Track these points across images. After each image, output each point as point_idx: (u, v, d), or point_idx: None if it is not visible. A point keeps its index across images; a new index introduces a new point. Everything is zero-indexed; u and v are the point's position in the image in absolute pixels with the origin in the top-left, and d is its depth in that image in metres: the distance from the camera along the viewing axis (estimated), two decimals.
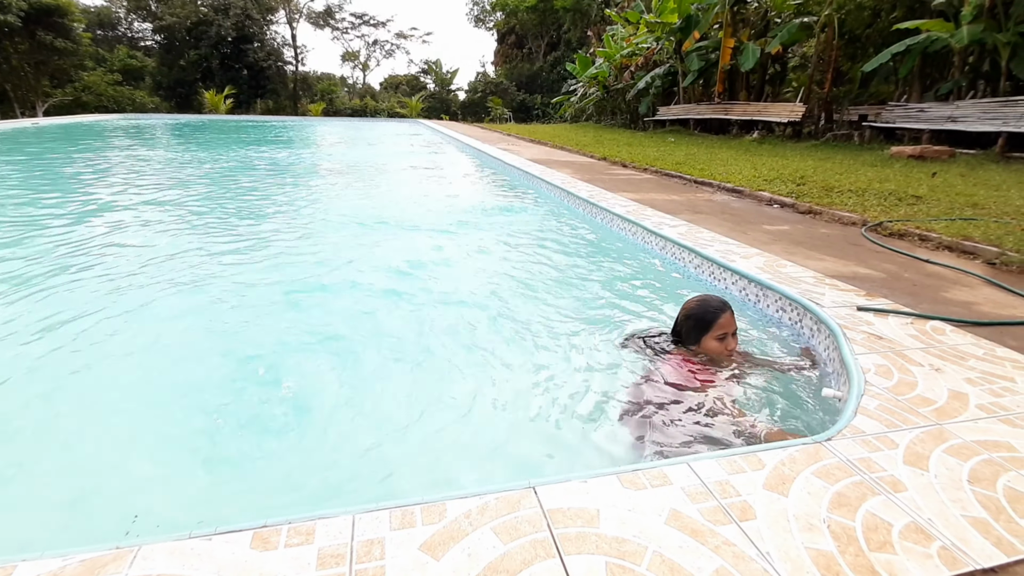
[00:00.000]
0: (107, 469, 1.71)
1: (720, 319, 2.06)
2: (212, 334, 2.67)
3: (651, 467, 1.33)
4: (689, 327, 2.12)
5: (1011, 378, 1.86)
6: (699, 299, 2.15)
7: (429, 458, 1.78)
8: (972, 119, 9.00)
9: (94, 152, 10.26)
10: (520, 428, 1.93)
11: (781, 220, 4.65)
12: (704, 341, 2.09)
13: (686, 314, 2.15)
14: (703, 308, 2.10)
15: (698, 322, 2.09)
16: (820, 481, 1.31)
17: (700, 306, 2.12)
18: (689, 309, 2.14)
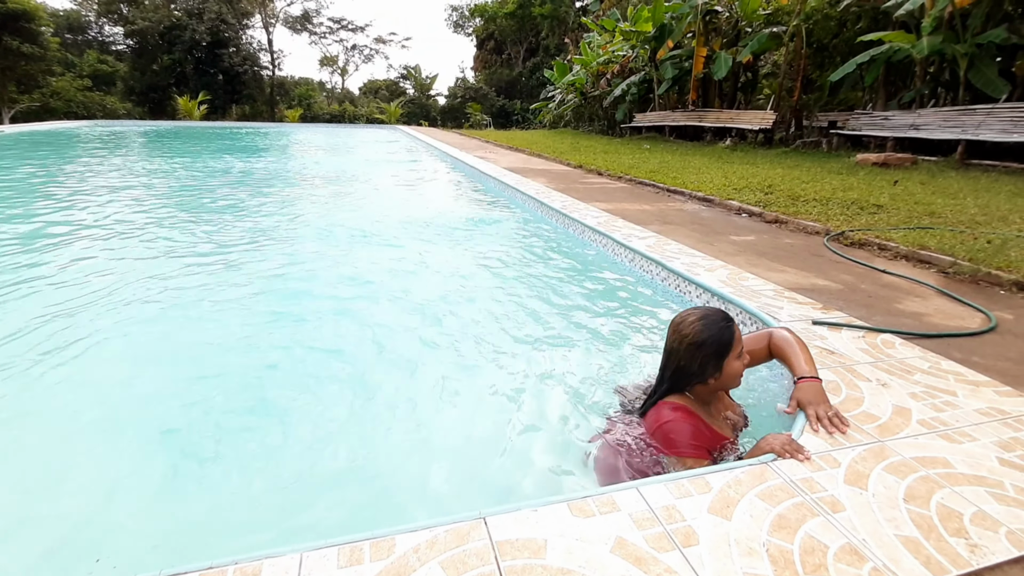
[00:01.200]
0: (66, 507, 1.68)
1: (736, 331, 1.68)
2: (172, 362, 2.63)
3: (600, 493, 1.36)
4: (706, 356, 1.64)
5: (953, 392, 1.94)
6: (701, 320, 1.67)
7: (381, 489, 1.78)
8: (933, 127, 9.31)
9: (55, 162, 9.99)
10: (477, 455, 1.95)
11: (748, 230, 4.75)
12: (727, 365, 1.66)
13: (695, 343, 1.64)
14: (715, 328, 1.65)
15: (718, 347, 1.64)
16: (763, 503, 1.35)
17: (708, 327, 1.65)
18: (696, 336, 1.64)
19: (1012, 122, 8.14)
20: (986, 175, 7.62)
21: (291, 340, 2.85)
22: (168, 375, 2.47)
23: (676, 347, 1.68)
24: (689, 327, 1.67)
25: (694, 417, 1.67)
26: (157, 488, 1.77)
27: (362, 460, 1.93)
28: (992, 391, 1.96)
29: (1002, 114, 8.33)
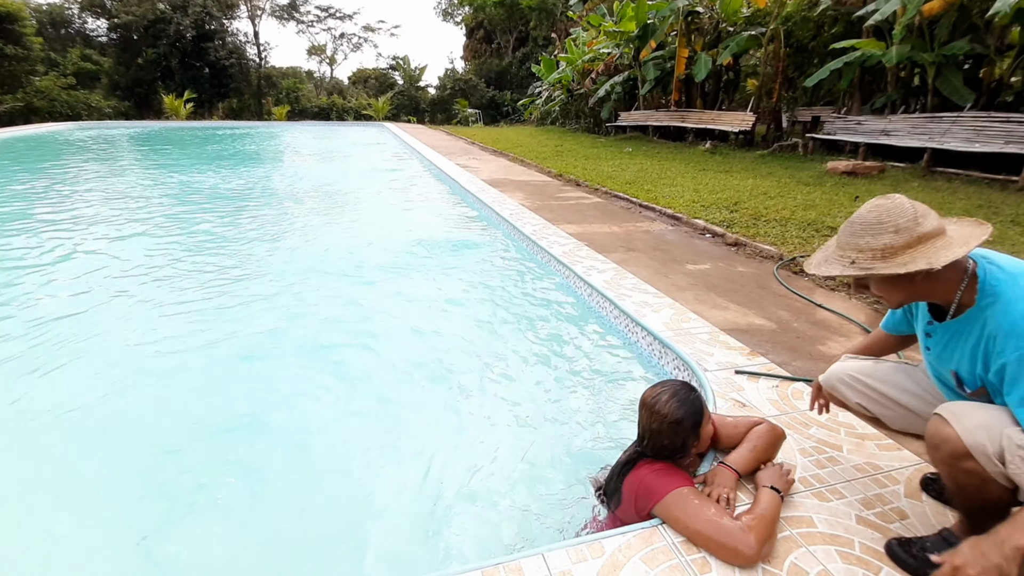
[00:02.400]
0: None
1: (704, 400, 1.86)
2: (132, 404, 2.88)
3: (510, 560, 1.63)
4: (687, 431, 1.77)
5: (839, 447, 2.23)
6: (672, 397, 1.79)
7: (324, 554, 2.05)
8: (902, 134, 9.58)
9: (28, 178, 10.07)
10: (399, 516, 2.14)
11: (706, 256, 5.01)
12: (703, 432, 1.83)
13: (674, 421, 1.75)
14: (686, 403, 1.79)
15: (695, 421, 1.78)
16: (644, 567, 1.63)
17: (681, 404, 1.77)
18: (672, 415, 1.75)
19: (975, 131, 8.42)
20: (948, 184, 7.92)
21: (248, 391, 3.09)
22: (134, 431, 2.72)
23: (657, 427, 1.78)
24: (665, 407, 1.78)
25: (671, 467, 1.83)
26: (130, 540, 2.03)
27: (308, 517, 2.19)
28: (874, 444, 2.24)
29: (966, 123, 8.60)
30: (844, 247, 1.47)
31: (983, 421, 1.36)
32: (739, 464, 1.90)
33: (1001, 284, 1.38)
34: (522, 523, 2.13)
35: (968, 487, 1.43)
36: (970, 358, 1.47)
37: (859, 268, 1.42)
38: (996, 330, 1.36)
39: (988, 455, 1.34)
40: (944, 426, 1.41)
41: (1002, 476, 1.36)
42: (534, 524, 2.12)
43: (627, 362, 3.30)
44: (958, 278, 1.43)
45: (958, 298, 1.45)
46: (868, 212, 1.43)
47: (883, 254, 1.39)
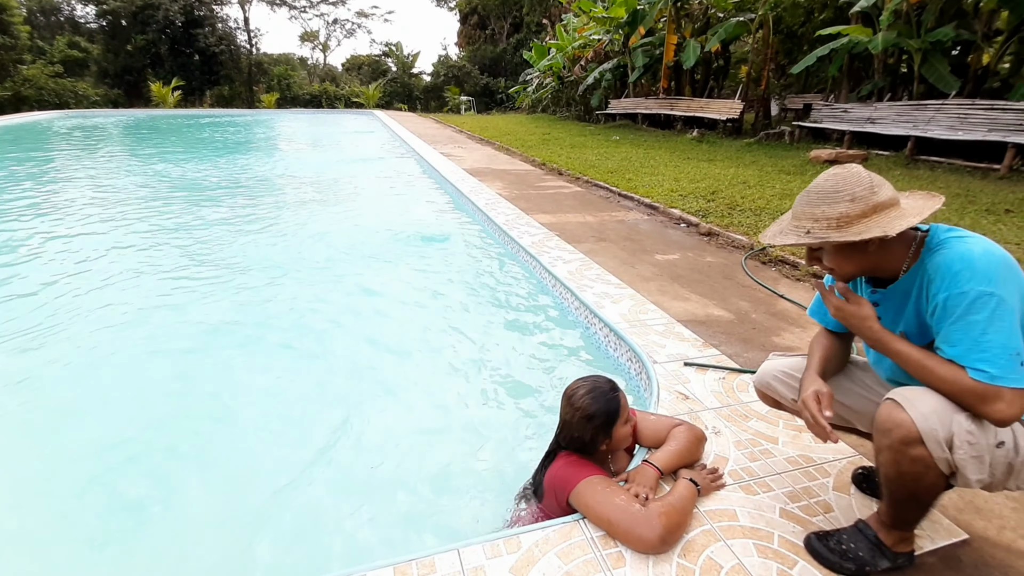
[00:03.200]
0: None
1: (622, 400, 1.82)
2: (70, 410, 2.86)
3: (425, 555, 1.63)
4: (597, 427, 1.78)
5: (775, 439, 2.22)
6: (589, 392, 1.80)
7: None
8: (888, 121, 9.52)
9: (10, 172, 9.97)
10: (328, 508, 2.13)
11: (677, 246, 4.99)
12: (615, 432, 1.81)
13: (587, 415, 1.76)
14: (602, 399, 1.78)
15: (606, 419, 1.77)
16: (558, 561, 1.62)
17: (596, 399, 1.77)
18: (586, 409, 1.76)
19: (959, 119, 8.37)
20: (930, 173, 7.89)
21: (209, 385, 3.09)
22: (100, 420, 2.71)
23: (569, 419, 1.80)
24: (580, 400, 1.79)
25: (585, 459, 1.84)
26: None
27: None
28: (811, 437, 2.24)
29: (950, 110, 8.55)
30: (800, 217, 1.45)
31: (935, 407, 1.34)
32: (662, 462, 1.89)
33: (950, 239, 1.38)
34: (453, 518, 2.12)
35: (909, 474, 1.42)
36: (916, 312, 1.46)
37: (814, 237, 1.40)
38: (933, 273, 1.36)
39: (939, 441, 1.33)
40: (897, 411, 1.38)
41: (945, 463, 1.35)
42: (466, 518, 2.11)
43: (584, 354, 3.29)
44: (907, 247, 1.44)
45: (905, 264, 1.45)
46: (825, 181, 1.41)
47: (839, 223, 1.38)
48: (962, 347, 1.29)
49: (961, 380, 1.29)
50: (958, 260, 1.31)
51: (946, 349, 1.33)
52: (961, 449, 1.33)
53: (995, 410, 1.27)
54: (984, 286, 1.27)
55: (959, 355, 1.30)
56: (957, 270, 1.30)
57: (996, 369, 1.25)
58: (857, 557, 1.61)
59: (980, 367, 1.27)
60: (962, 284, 1.29)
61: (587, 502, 1.72)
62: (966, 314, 1.28)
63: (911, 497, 1.48)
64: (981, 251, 1.31)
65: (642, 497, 1.75)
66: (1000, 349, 1.25)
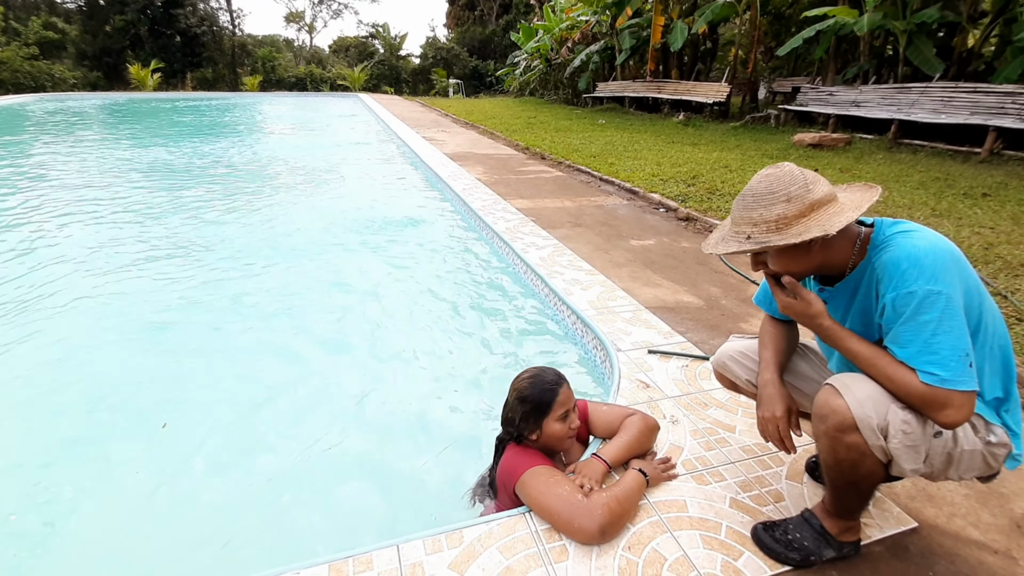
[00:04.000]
0: None
1: (559, 395, 1.78)
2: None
3: (362, 553, 1.59)
4: (527, 412, 1.77)
5: (732, 428, 2.20)
6: (531, 377, 1.81)
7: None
8: (872, 104, 9.47)
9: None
10: (267, 505, 2.07)
11: (654, 231, 4.94)
12: (546, 425, 1.77)
13: (520, 397, 1.78)
14: (539, 387, 1.78)
15: (536, 405, 1.76)
16: (500, 556, 1.59)
17: (534, 385, 1.78)
18: (521, 391, 1.78)
19: (943, 102, 8.34)
20: (912, 157, 7.87)
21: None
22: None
23: (507, 398, 1.83)
24: (520, 382, 1.82)
25: (532, 450, 1.82)
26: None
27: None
28: None
29: (934, 93, 8.52)
30: (738, 222, 1.41)
31: (871, 393, 1.32)
32: (610, 455, 1.85)
33: (896, 236, 1.35)
34: (410, 514, 2.09)
35: (846, 461, 1.40)
36: (863, 310, 1.44)
37: (755, 243, 1.36)
38: (881, 272, 1.33)
39: (873, 428, 1.31)
40: (834, 397, 1.37)
41: (880, 451, 1.34)
42: (422, 514, 2.08)
43: (553, 342, 3.24)
44: (852, 243, 1.41)
45: (852, 261, 1.42)
46: (759, 183, 1.37)
47: (777, 225, 1.34)
48: (912, 349, 1.26)
49: (912, 383, 1.26)
50: (905, 258, 1.28)
51: (896, 350, 1.30)
52: (895, 438, 1.31)
53: (944, 414, 1.25)
54: (932, 284, 1.24)
55: (909, 357, 1.27)
56: (904, 269, 1.27)
57: (946, 372, 1.22)
58: (802, 547, 1.59)
59: (930, 370, 1.24)
60: (909, 283, 1.26)
61: (530, 492, 1.69)
62: (915, 314, 1.25)
63: (850, 484, 1.47)
64: (927, 247, 1.28)
65: (587, 488, 1.72)
66: (950, 351, 1.23)
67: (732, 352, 1.89)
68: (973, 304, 1.29)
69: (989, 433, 1.37)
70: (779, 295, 1.49)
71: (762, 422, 1.61)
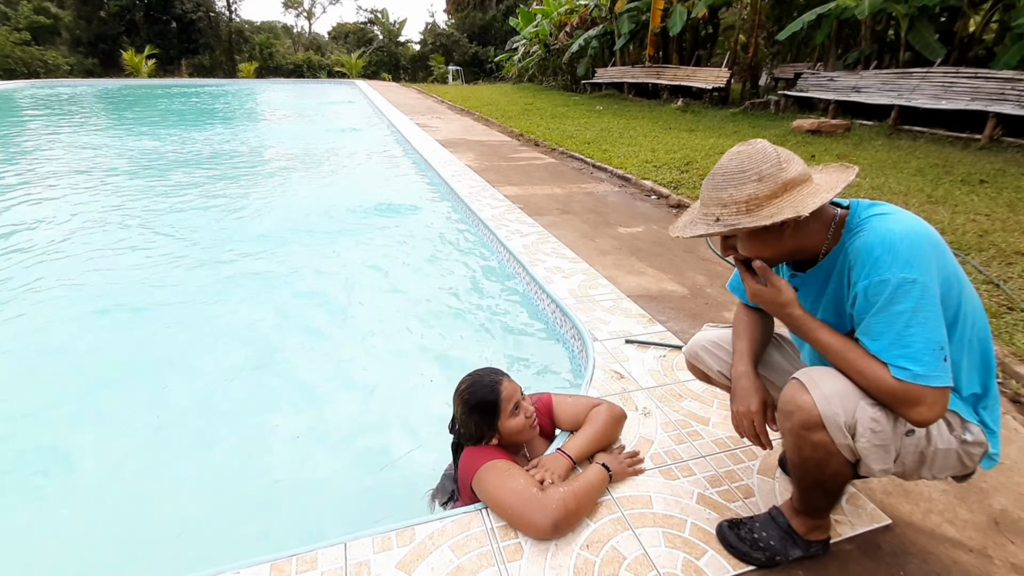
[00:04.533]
0: None
1: (502, 392, 1.68)
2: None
3: (307, 551, 1.52)
4: (478, 421, 1.68)
5: (706, 420, 2.12)
6: (469, 386, 1.71)
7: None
8: (873, 90, 9.30)
9: None
10: (209, 499, 2.01)
11: (643, 219, 4.84)
12: (502, 425, 1.68)
13: (466, 409, 1.68)
14: (479, 392, 1.68)
15: (484, 410, 1.66)
16: (451, 555, 1.52)
17: (473, 392, 1.68)
18: (466, 402, 1.68)
19: (943, 87, 8.17)
20: (911, 143, 7.72)
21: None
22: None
23: (456, 414, 1.73)
24: (460, 394, 1.71)
25: (492, 447, 1.73)
26: None
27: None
28: None
29: (935, 78, 8.34)
30: (707, 203, 1.31)
31: (839, 389, 1.24)
32: (575, 450, 1.78)
33: (871, 219, 1.25)
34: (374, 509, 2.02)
35: (811, 460, 1.33)
36: (835, 298, 1.35)
37: (724, 225, 1.27)
38: (854, 258, 1.23)
39: (840, 426, 1.23)
40: (800, 392, 1.29)
41: (848, 449, 1.27)
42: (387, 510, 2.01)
43: (532, 331, 3.17)
44: (826, 227, 1.31)
45: (825, 246, 1.33)
46: (729, 161, 1.27)
47: (748, 206, 1.24)
48: (884, 341, 1.18)
49: (882, 378, 1.18)
50: (879, 244, 1.18)
51: (867, 343, 1.21)
52: (864, 437, 1.23)
53: (916, 412, 1.17)
54: (906, 272, 1.14)
55: (881, 350, 1.18)
56: (878, 255, 1.17)
57: (919, 367, 1.14)
58: (768, 546, 1.52)
59: (902, 364, 1.15)
60: (883, 271, 1.16)
61: (485, 487, 1.62)
62: (888, 304, 1.16)
63: (816, 484, 1.39)
64: (903, 231, 1.18)
65: (547, 482, 1.64)
66: (923, 344, 1.14)
67: (704, 342, 1.80)
68: (952, 293, 1.20)
69: (965, 431, 1.29)
70: (748, 281, 1.40)
71: (736, 416, 1.53)
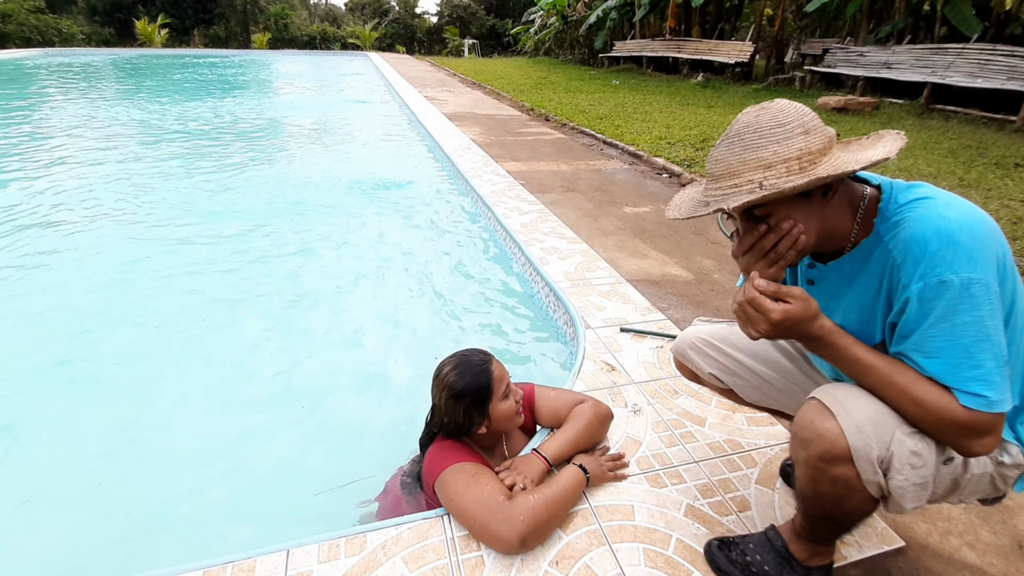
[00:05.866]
0: None
1: (494, 372, 1.52)
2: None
3: (244, 558, 1.37)
4: (467, 406, 1.50)
5: (702, 420, 1.93)
6: (455, 367, 1.52)
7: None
8: (904, 67, 8.79)
9: None
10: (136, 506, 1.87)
11: (652, 198, 4.59)
12: (493, 410, 1.52)
13: (454, 394, 1.48)
14: (469, 374, 1.50)
15: (476, 393, 1.49)
16: (404, 567, 1.36)
17: (462, 374, 1.50)
18: (452, 386, 1.49)
19: (979, 65, 7.68)
20: (943, 124, 7.29)
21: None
22: None
23: (437, 401, 1.54)
24: (444, 378, 1.52)
25: (462, 444, 1.58)
26: None
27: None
28: (744, 418, 1.95)
29: (971, 55, 7.84)
30: (735, 173, 0.99)
31: (873, 416, 1.00)
32: (552, 452, 1.60)
33: (914, 206, 0.99)
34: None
35: (827, 495, 1.10)
36: (861, 302, 1.10)
37: (772, 187, 0.95)
38: (901, 254, 0.97)
39: (871, 460, 1.00)
40: (824, 418, 1.04)
41: (877, 487, 1.03)
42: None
43: (525, 315, 2.98)
44: (853, 208, 1.05)
45: (854, 231, 1.06)
46: (757, 117, 0.98)
47: (800, 164, 0.95)
48: (947, 360, 0.93)
49: (948, 408, 0.93)
50: (935, 235, 0.93)
51: (922, 361, 0.96)
52: (900, 474, 1.00)
53: (979, 444, 0.94)
54: (970, 271, 0.90)
55: (944, 372, 0.94)
56: (935, 250, 0.92)
57: (994, 392, 0.91)
58: (761, 572, 1.34)
59: (975, 389, 0.91)
60: (942, 270, 0.91)
61: (447, 492, 1.45)
62: (951, 313, 0.92)
63: (829, 519, 1.19)
64: (960, 219, 0.93)
65: (518, 487, 1.47)
66: (995, 362, 0.91)
67: (694, 339, 1.57)
68: (1006, 288, 0.96)
69: (1003, 452, 1.07)
70: (767, 303, 1.01)
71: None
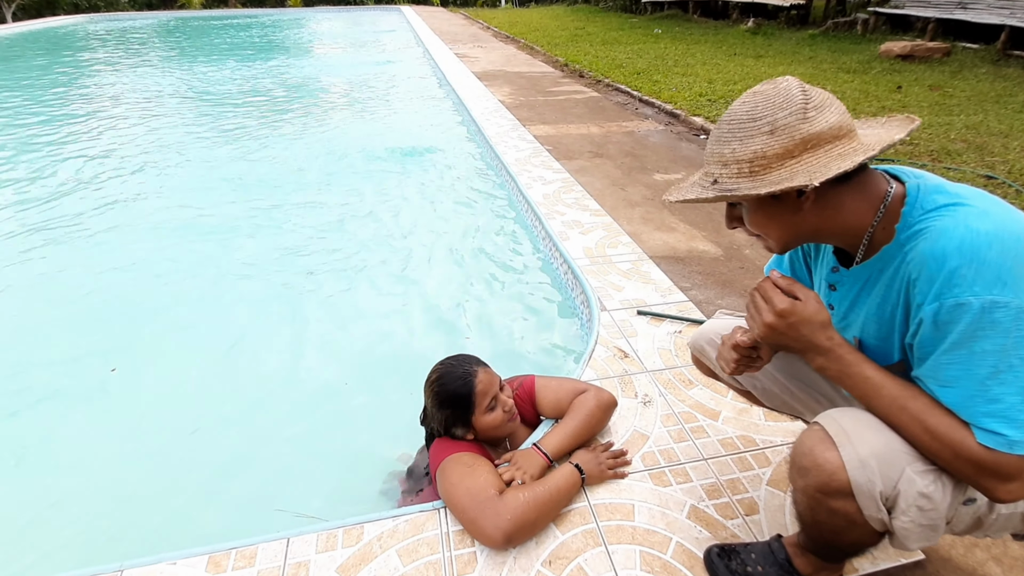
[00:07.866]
0: None
1: (477, 385, 1.48)
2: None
3: (247, 545, 1.42)
4: (448, 417, 1.51)
5: (716, 414, 1.85)
6: (440, 377, 1.52)
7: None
8: (982, 7, 7.89)
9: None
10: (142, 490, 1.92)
11: (685, 163, 4.36)
12: (476, 422, 1.51)
13: (437, 402, 1.50)
14: (451, 384, 1.49)
15: (456, 404, 1.48)
16: (397, 561, 1.38)
17: (444, 384, 1.50)
18: (436, 395, 1.50)
19: None
20: (1020, 73, 6.55)
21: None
22: None
23: (425, 405, 1.57)
24: (431, 385, 1.53)
25: (465, 441, 1.58)
26: None
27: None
28: (761, 412, 1.85)
29: None
30: (708, 160, 0.98)
31: (880, 450, 0.91)
32: (551, 446, 1.57)
33: (939, 213, 0.87)
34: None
35: (826, 525, 1.03)
36: (878, 316, 0.99)
37: (721, 189, 0.93)
38: (917, 269, 0.87)
39: (875, 498, 0.92)
40: (824, 448, 0.95)
41: (880, 523, 0.95)
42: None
43: (545, 294, 2.91)
44: (873, 206, 0.93)
45: (870, 233, 0.95)
46: (741, 105, 0.92)
47: (751, 167, 0.90)
48: (962, 391, 0.84)
49: (962, 444, 0.84)
50: (956, 250, 0.81)
51: (937, 390, 0.87)
52: (906, 516, 0.91)
53: (1004, 490, 0.83)
54: (995, 292, 0.79)
55: (959, 403, 0.84)
56: (955, 267, 0.81)
57: (1016, 431, 0.80)
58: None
59: (992, 427, 0.81)
60: (961, 290, 0.80)
61: (444, 483, 1.46)
62: (969, 339, 0.81)
63: (830, 546, 1.12)
64: (993, 232, 0.81)
65: (516, 482, 1.46)
66: (1019, 397, 0.80)
67: (712, 334, 1.47)
68: None
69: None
70: (769, 300, 0.97)
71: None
